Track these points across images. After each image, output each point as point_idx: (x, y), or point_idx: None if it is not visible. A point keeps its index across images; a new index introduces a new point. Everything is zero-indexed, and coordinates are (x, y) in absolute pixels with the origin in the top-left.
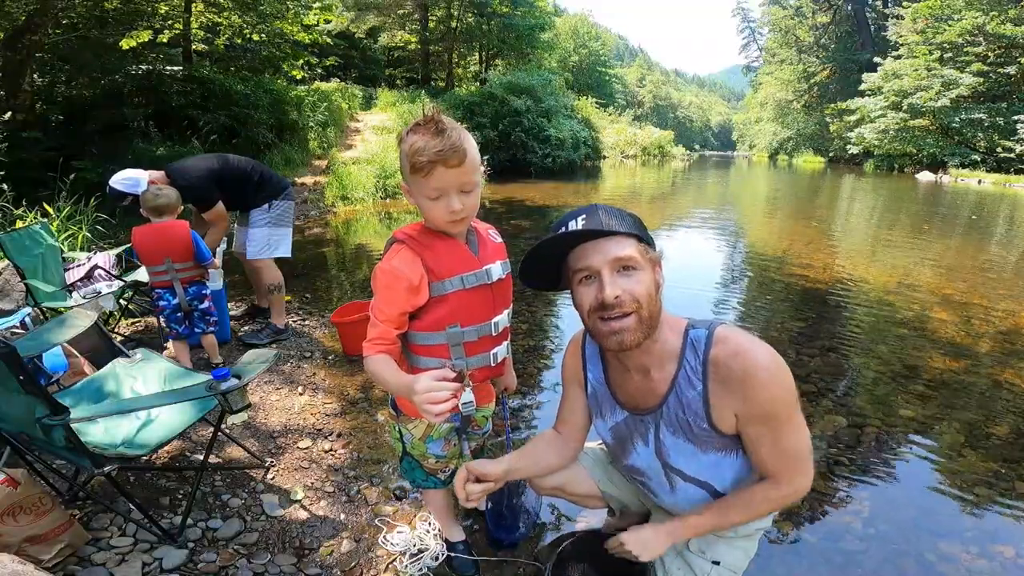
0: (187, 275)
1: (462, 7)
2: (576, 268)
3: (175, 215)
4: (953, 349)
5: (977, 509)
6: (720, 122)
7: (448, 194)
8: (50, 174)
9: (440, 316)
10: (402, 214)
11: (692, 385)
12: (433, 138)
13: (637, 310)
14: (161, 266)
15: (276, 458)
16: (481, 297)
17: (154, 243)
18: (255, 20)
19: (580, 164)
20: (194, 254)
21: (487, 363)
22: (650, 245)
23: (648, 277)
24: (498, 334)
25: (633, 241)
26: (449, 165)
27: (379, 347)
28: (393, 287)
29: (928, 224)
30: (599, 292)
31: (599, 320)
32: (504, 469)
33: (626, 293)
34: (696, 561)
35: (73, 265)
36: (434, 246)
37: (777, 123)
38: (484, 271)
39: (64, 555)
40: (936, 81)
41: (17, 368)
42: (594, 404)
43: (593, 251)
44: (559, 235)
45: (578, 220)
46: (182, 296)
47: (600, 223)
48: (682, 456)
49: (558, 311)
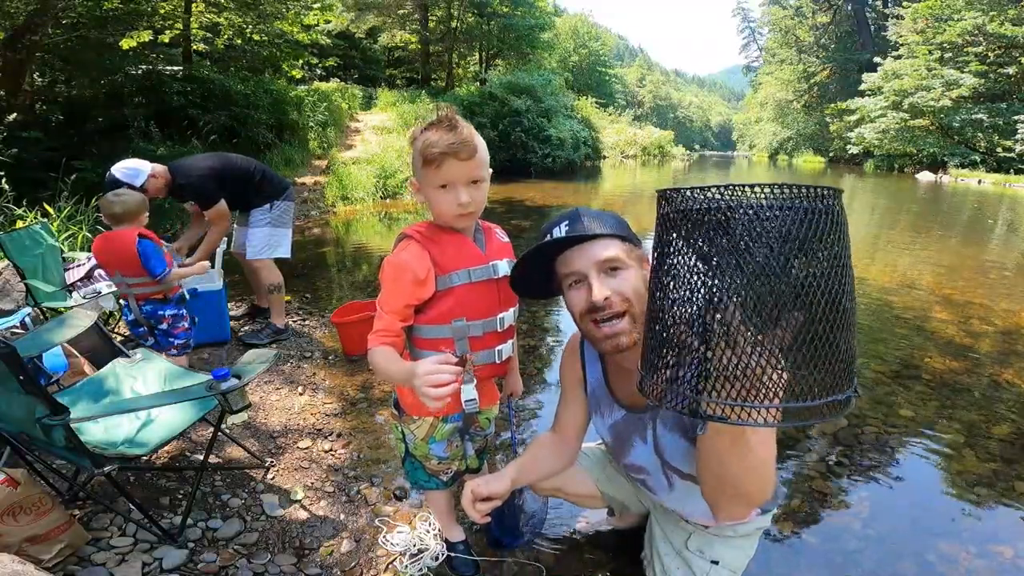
0: (142, 291)
1: (462, 7)
2: (564, 273)
3: (135, 223)
4: (953, 349)
5: (977, 509)
6: (720, 122)
7: (456, 186)
8: (50, 174)
9: (446, 309)
10: (402, 214)
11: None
12: (447, 133)
13: (628, 309)
14: (115, 277)
15: (276, 458)
16: (487, 292)
17: (105, 254)
18: (255, 20)
19: (580, 164)
20: (143, 267)
21: (492, 359)
22: (634, 243)
23: (635, 275)
24: (504, 330)
25: (616, 241)
26: (460, 158)
27: (383, 339)
28: (399, 279)
29: (928, 224)
30: (588, 295)
31: (592, 324)
32: (508, 485)
33: (615, 293)
34: (695, 560)
35: (73, 265)
36: (441, 240)
37: (777, 123)
38: (491, 266)
39: (64, 555)
40: (937, 81)
41: (17, 368)
42: (593, 403)
43: (578, 255)
44: (543, 244)
45: (561, 227)
46: (136, 312)
47: (583, 228)
48: (679, 453)
49: (558, 311)
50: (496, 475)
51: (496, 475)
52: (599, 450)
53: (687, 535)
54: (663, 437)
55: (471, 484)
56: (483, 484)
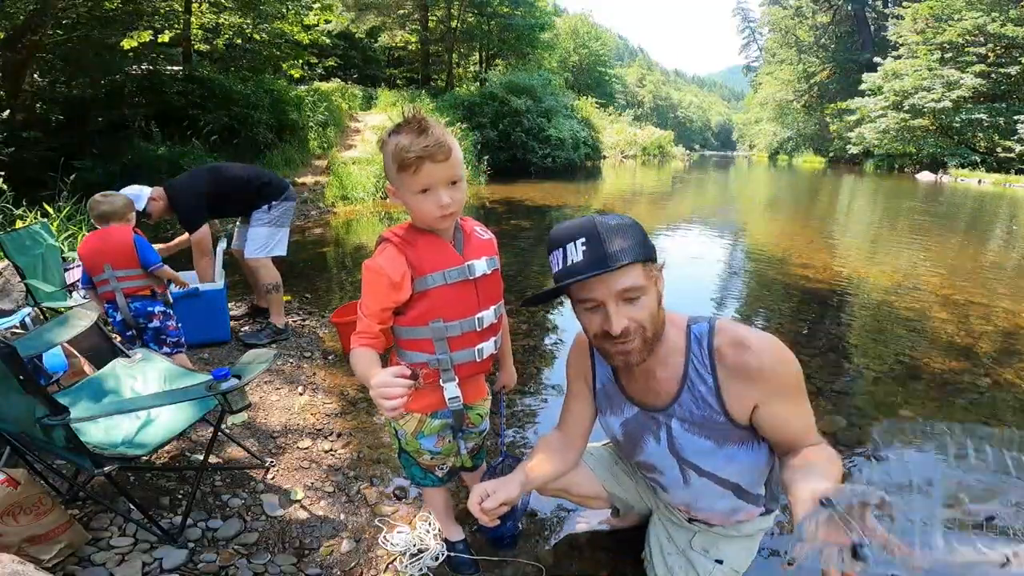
0: (130, 285)
1: (462, 7)
2: (579, 297)
3: (122, 222)
4: (953, 349)
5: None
6: (720, 122)
7: (436, 188)
8: (50, 174)
9: (423, 311)
10: (402, 214)
11: (703, 379)
12: (418, 136)
13: (642, 333)
14: (102, 274)
15: (276, 458)
16: (464, 292)
17: (94, 249)
18: (255, 20)
19: (580, 164)
20: (138, 260)
21: (472, 359)
22: (652, 259)
23: (652, 297)
24: (483, 329)
25: (638, 267)
26: (436, 160)
27: (362, 340)
28: (375, 283)
29: (928, 224)
30: (605, 323)
31: (605, 342)
32: (518, 489)
33: (632, 322)
34: (699, 560)
35: (73, 265)
36: (417, 243)
37: (777, 123)
38: (466, 267)
39: (64, 555)
40: (938, 82)
41: (17, 368)
42: (603, 400)
43: (598, 284)
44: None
45: (577, 244)
46: (124, 308)
47: (602, 252)
48: (698, 453)
49: (558, 311)
50: (504, 480)
51: (504, 480)
52: (604, 450)
53: (691, 534)
54: (680, 437)
55: (479, 490)
56: (493, 491)
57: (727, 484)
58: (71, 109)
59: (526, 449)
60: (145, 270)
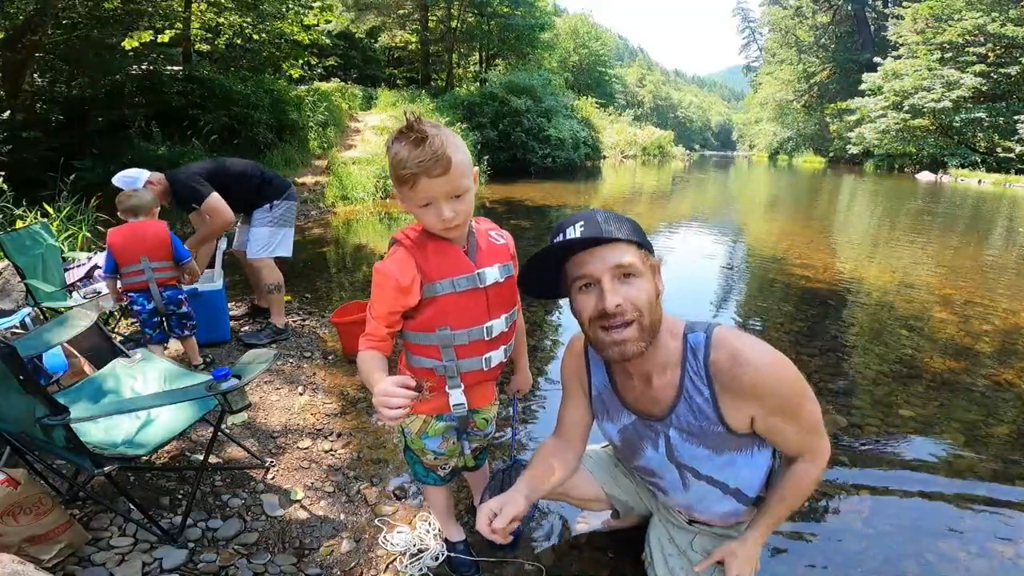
0: (163, 276)
1: (462, 7)
2: (575, 276)
3: (151, 216)
4: (953, 349)
5: (977, 508)
6: (720, 122)
7: (437, 202)
8: (50, 174)
9: (430, 317)
10: (402, 214)
11: (699, 391)
12: (414, 148)
13: (638, 318)
14: (137, 265)
15: (276, 458)
16: (473, 301)
17: (130, 241)
18: (255, 20)
19: (580, 164)
20: (172, 253)
21: (479, 367)
22: (649, 251)
23: (649, 284)
24: (492, 339)
25: (633, 247)
26: (432, 175)
27: (369, 343)
28: (383, 286)
29: (928, 224)
30: (600, 301)
31: (600, 330)
32: (524, 504)
33: (627, 301)
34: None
35: (73, 265)
36: (428, 248)
37: (777, 123)
38: (476, 275)
39: (64, 555)
40: (938, 82)
41: (17, 368)
42: (600, 407)
43: (593, 258)
44: (555, 245)
45: (576, 226)
46: (157, 297)
47: (599, 229)
48: (697, 459)
49: (558, 311)
50: (509, 496)
51: (509, 496)
52: (604, 452)
53: (692, 536)
54: (679, 445)
55: (486, 511)
56: (499, 508)
57: (727, 488)
58: (71, 109)
59: (527, 452)
60: (177, 264)
